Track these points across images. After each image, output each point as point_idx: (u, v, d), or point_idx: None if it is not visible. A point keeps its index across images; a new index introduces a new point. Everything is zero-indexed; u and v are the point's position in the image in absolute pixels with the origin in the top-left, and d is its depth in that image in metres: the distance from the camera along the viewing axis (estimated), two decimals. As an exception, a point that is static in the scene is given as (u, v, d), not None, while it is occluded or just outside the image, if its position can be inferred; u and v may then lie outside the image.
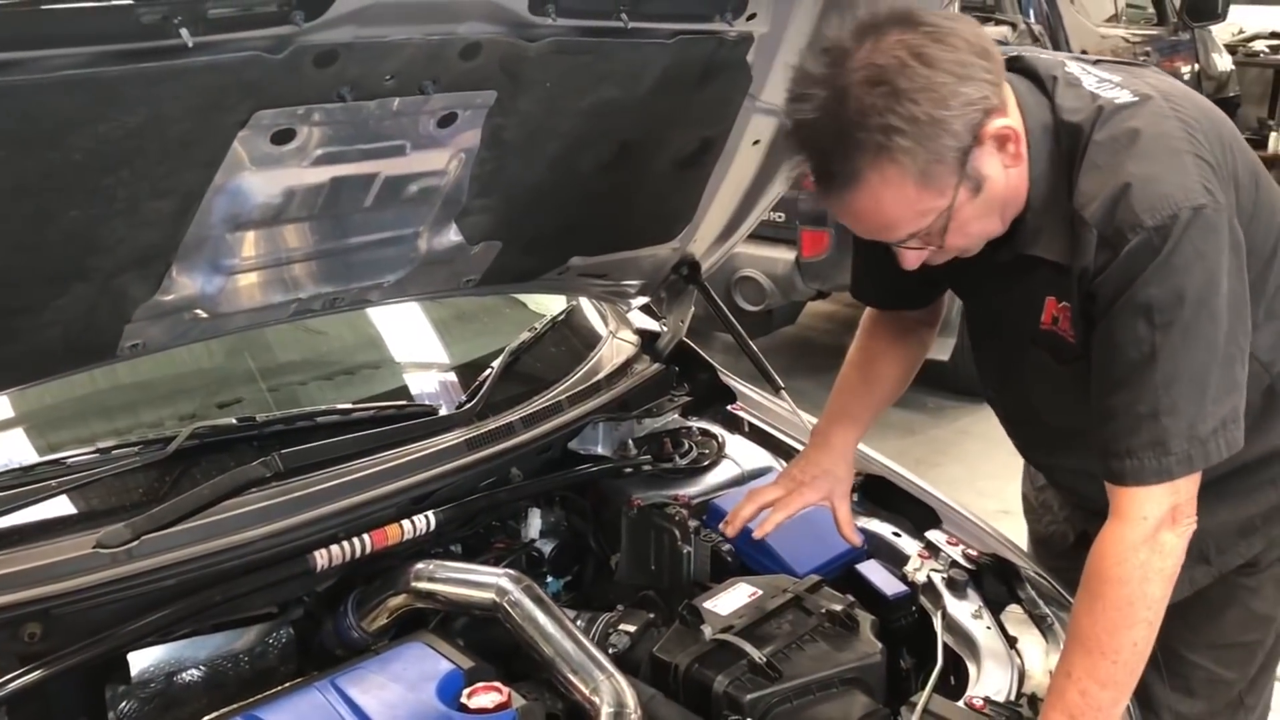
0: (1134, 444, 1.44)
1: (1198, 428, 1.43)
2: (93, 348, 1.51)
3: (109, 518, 1.59)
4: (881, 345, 1.97)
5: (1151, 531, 1.45)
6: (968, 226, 1.49)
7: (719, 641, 1.62)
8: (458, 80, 1.46)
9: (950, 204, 1.43)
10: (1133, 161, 1.43)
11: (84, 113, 1.17)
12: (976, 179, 1.44)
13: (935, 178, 1.40)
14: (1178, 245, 1.39)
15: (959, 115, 1.38)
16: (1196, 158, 1.44)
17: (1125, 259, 1.41)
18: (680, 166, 1.94)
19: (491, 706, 1.44)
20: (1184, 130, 1.47)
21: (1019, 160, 1.47)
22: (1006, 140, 1.44)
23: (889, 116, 1.35)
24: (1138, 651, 1.45)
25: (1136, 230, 1.40)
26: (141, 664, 1.60)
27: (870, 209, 1.44)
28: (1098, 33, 6.43)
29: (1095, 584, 1.46)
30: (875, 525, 2.00)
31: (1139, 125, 1.46)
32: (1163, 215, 1.39)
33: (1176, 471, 1.44)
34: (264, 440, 1.77)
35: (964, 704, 1.56)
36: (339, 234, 1.62)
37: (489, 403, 2.01)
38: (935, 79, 1.36)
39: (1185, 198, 1.40)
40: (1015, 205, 1.52)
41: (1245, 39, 9.64)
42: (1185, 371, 1.42)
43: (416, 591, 1.69)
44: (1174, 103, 1.50)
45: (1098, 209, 1.43)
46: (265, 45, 1.23)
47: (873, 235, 1.52)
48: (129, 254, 1.39)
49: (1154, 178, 1.41)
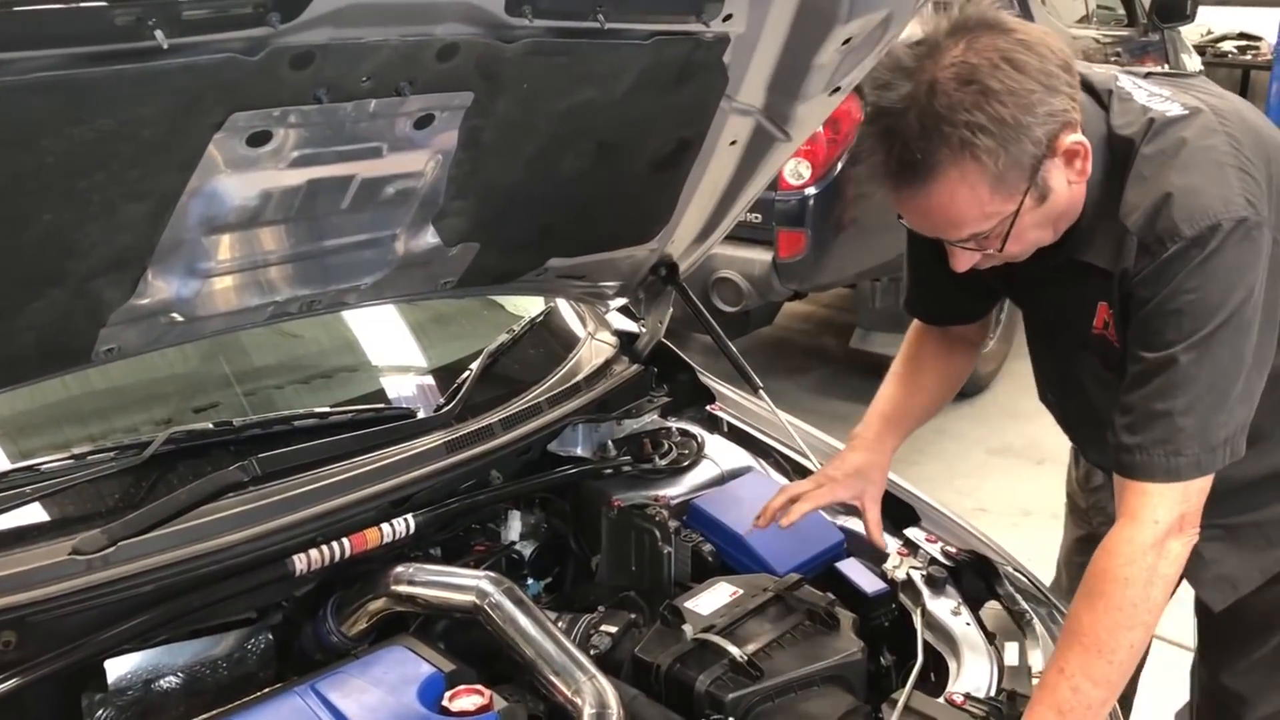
0: (1146, 440, 1.47)
1: (1210, 435, 1.46)
2: (67, 352, 1.49)
3: (85, 524, 1.57)
4: (927, 358, 2.00)
5: (1162, 536, 1.47)
6: (1025, 234, 1.53)
7: (700, 641, 1.63)
8: (434, 82, 1.46)
9: (1017, 210, 1.47)
10: (1176, 173, 1.47)
11: (57, 115, 1.16)
12: (1044, 189, 1.47)
13: (1009, 182, 1.44)
14: (1215, 255, 1.43)
15: (1041, 124, 1.41)
16: (1241, 171, 1.48)
17: (1162, 265, 1.45)
18: (658, 167, 1.94)
19: (473, 709, 1.43)
20: (1230, 144, 1.50)
21: (1084, 176, 1.51)
22: (1076, 156, 1.48)
23: (976, 114, 1.38)
24: (1133, 653, 1.47)
25: (1176, 239, 1.44)
26: (119, 671, 1.59)
27: (942, 204, 1.46)
28: (1069, 34, 6.47)
29: (1100, 583, 1.47)
30: (854, 523, 2.01)
31: (1186, 136, 1.50)
32: (1202, 225, 1.43)
33: (1185, 473, 1.46)
34: (241, 444, 1.76)
35: (944, 700, 1.57)
36: (316, 236, 1.61)
37: (468, 405, 2.00)
38: (1025, 84, 1.40)
39: (1226, 209, 1.44)
40: (1070, 217, 1.56)
41: (1214, 39, 9.77)
42: (1207, 378, 1.45)
43: (396, 595, 1.68)
44: (1222, 117, 1.54)
45: (1140, 217, 1.47)
46: (241, 47, 1.22)
47: (935, 232, 1.54)
48: (104, 257, 1.38)
49: (1196, 189, 1.45)
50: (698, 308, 2.34)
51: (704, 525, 1.97)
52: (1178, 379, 1.45)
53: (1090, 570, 1.49)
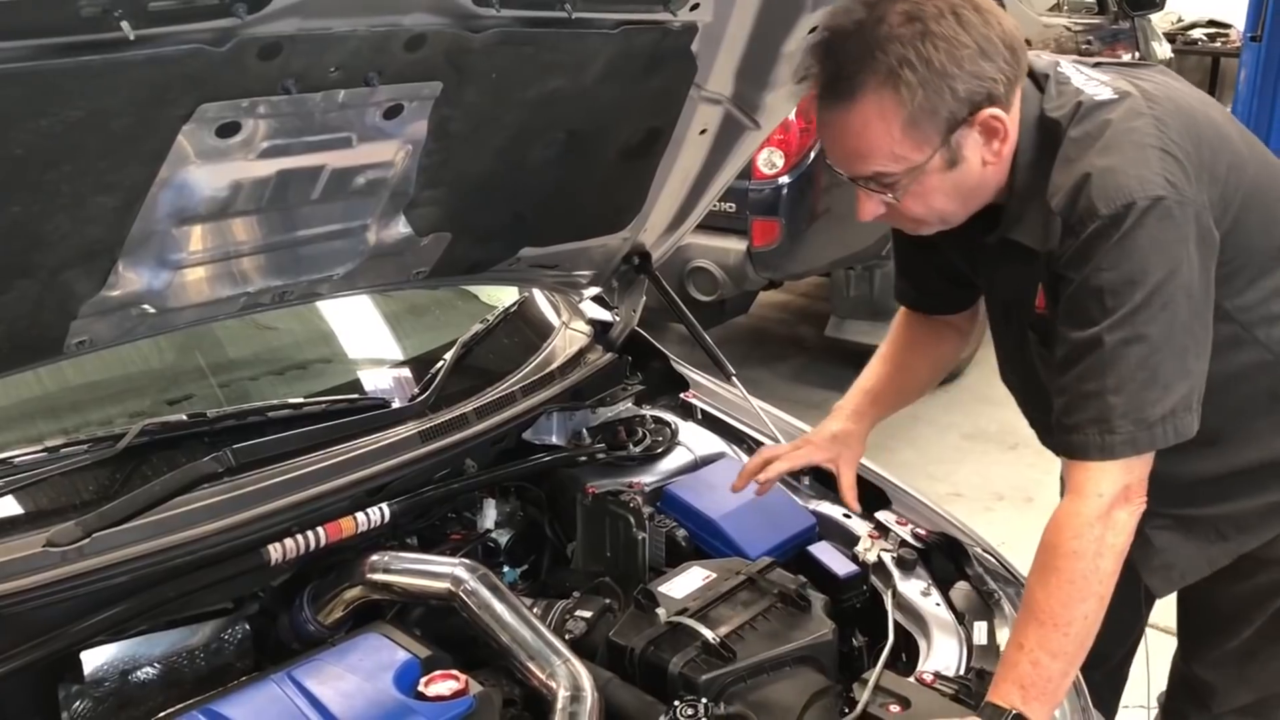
0: (1080, 419, 1.50)
1: (1146, 412, 1.47)
2: (39, 345, 1.49)
3: (59, 516, 1.57)
4: (915, 343, 2.04)
5: (1106, 508, 1.49)
6: (929, 197, 1.57)
7: (673, 624, 1.64)
8: (403, 72, 1.46)
9: (923, 163, 1.51)
10: (1097, 154, 1.50)
11: (24, 107, 1.16)
12: (955, 154, 1.52)
13: (921, 128, 1.49)
14: (1130, 232, 1.45)
15: (965, 82, 1.47)
16: (1163, 152, 1.50)
17: (1082, 244, 1.48)
18: (628, 157, 1.95)
19: (449, 694, 1.45)
20: (1155, 126, 1.52)
21: (998, 160, 1.55)
22: (995, 134, 1.52)
23: (909, 50, 1.45)
24: (1088, 624, 1.49)
25: (1094, 218, 1.47)
26: (95, 662, 1.59)
27: (856, 130, 1.51)
28: (1040, 22, 6.51)
29: (1050, 558, 1.50)
30: (826, 507, 2.03)
31: (1111, 118, 1.53)
32: (1118, 204, 1.45)
33: (1120, 451, 1.48)
34: (215, 436, 1.76)
35: (914, 679, 1.59)
36: (287, 227, 1.61)
37: (442, 395, 2.01)
38: (961, 38, 1.46)
39: (1141, 188, 1.46)
40: (980, 198, 1.61)
41: (1184, 27, 9.84)
42: (1133, 355, 1.46)
43: (372, 583, 1.70)
44: (1152, 100, 1.56)
45: (1062, 199, 1.51)
46: (208, 38, 1.22)
47: (844, 161, 1.57)
48: (74, 249, 1.38)
49: (1114, 169, 1.48)
50: (670, 296, 2.35)
51: (677, 511, 1.99)
52: (1105, 358, 1.47)
53: (1041, 546, 1.52)
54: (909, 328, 2.05)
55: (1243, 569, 1.83)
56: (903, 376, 2.03)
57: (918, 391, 2.08)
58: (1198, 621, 1.97)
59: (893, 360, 2.03)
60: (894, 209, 1.60)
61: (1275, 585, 1.84)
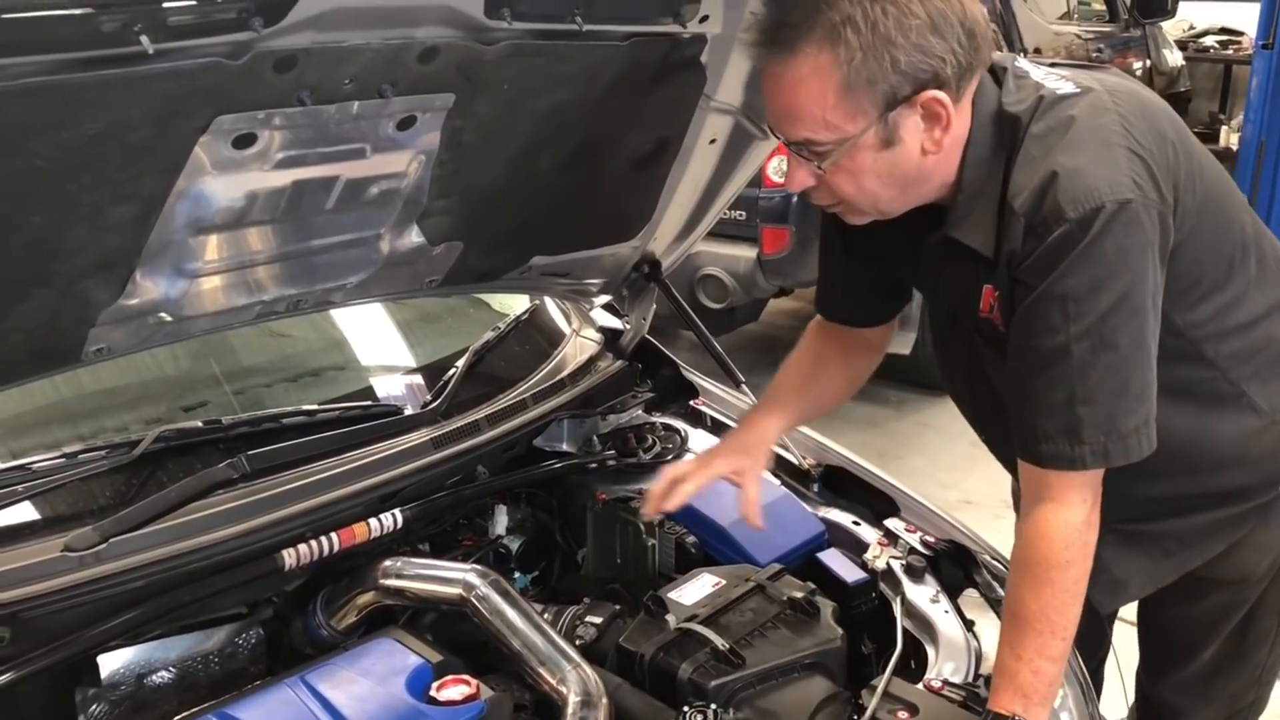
0: (1049, 429, 1.45)
1: (1118, 422, 1.44)
2: (57, 353, 1.52)
3: (76, 521, 1.59)
4: (828, 356, 1.95)
5: (1089, 513, 1.48)
6: (861, 177, 1.49)
7: (683, 630, 1.65)
8: (416, 84, 1.48)
9: (855, 136, 1.44)
10: (1063, 152, 1.44)
11: (46, 120, 1.18)
12: (891, 133, 1.44)
13: (856, 97, 1.41)
14: (1098, 237, 1.39)
15: (908, 54, 1.39)
16: (1130, 152, 1.44)
17: (1048, 249, 1.41)
18: (638, 166, 1.97)
19: (460, 699, 1.46)
20: (1121, 123, 1.47)
21: (938, 149, 1.47)
22: (937, 120, 1.45)
23: (856, 9, 1.38)
24: (1076, 620, 1.49)
25: (1060, 221, 1.40)
26: (111, 666, 1.61)
27: (790, 86, 1.44)
28: (1051, 30, 6.53)
29: (1041, 569, 1.47)
30: (835, 514, 2.04)
31: (1075, 114, 1.47)
32: (1086, 207, 1.40)
33: (1090, 462, 1.45)
34: (230, 442, 1.79)
35: (923, 686, 1.60)
36: (301, 236, 1.63)
37: (454, 402, 2.03)
38: (912, 8, 1.39)
39: (1110, 191, 1.40)
40: (921, 190, 1.53)
41: (1195, 34, 9.82)
42: (1104, 363, 1.42)
43: (385, 589, 1.71)
44: (1116, 96, 1.51)
45: (1026, 199, 1.44)
46: (225, 51, 1.24)
47: (777, 120, 1.51)
48: (92, 259, 1.40)
49: (1081, 169, 1.42)
50: (680, 304, 2.37)
51: (687, 517, 1.99)
52: (1074, 368, 1.42)
53: (1027, 557, 1.49)
54: (824, 341, 1.95)
55: (1196, 591, 1.80)
56: (813, 392, 1.94)
57: (830, 407, 1.99)
58: (1158, 645, 1.95)
59: (804, 375, 1.94)
60: (824, 184, 1.52)
61: (1229, 605, 1.82)
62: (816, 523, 2.01)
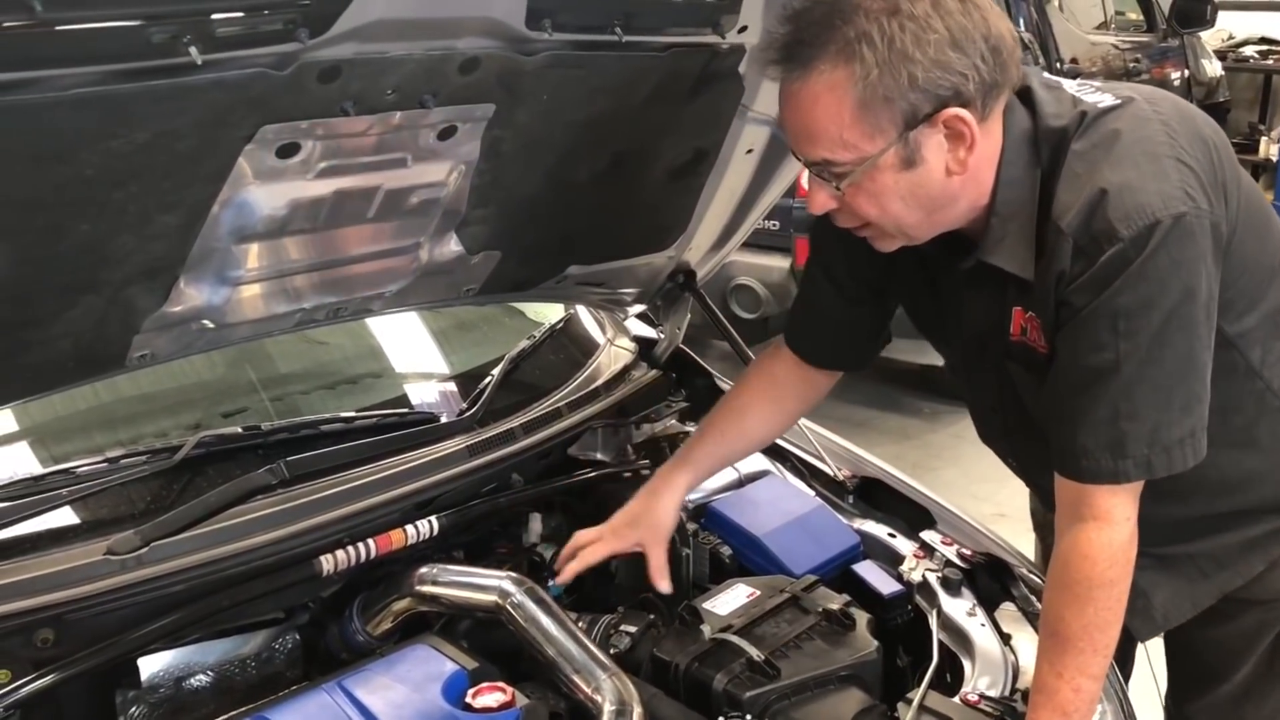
0: (1091, 444, 1.43)
1: (1161, 434, 1.41)
2: (102, 359, 1.54)
3: (118, 525, 1.61)
4: (770, 396, 1.91)
5: (1133, 530, 1.47)
6: (884, 198, 1.44)
7: (718, 641, 1.65)
8: (457, 94, 1.50)
9: (875, 156, 1.40)
10: (1110, 168, 1.40)
11: (95, 129, 1.21)
12: (913, 153, 1.40)
13: (874, 114, 1.37)
14: (1153, 254, 1.36)
15: (926, 71, 1.34)
16: (1178, 162, 1.41)
17: (1100, 268, 1.38)
18: (674, 176, 1.97)
19: (496, 706, 1.46)
20: (1166, 133, 1.44)
21: (963, 169, 1.43)
22: (961, 139, 1.40)
23: (872, 25, 1.34)
24: (1117, 636, 1.48)
25: (1113, 240, 1.37)
26: (151, 669, 1.63)
27: (807, 105, 1.40)
28: (1088, 40, 6.49)
29: (1084, 589, 1.45)
30: (870, 526, 2.03)
31: (1120, 128, 1.43)
32: (1140, 225, 1.36)
33: (1133, 475, 1.43)
34: (269, 448, 1.80)
35: (959, 700, 1.59)
36: (342, 245, 1.65)
37: (489, 410, 2.04)
38: (933, 24, 1.34)
39: (1164, 205, 1.37)
40: (948, 214, 1.49)
41: (1234, 44, 9.71)
42: (1150, 378, 1.40)
43: (421, 595, 1.72)
44: (1156, 105, 1.48)
45: (1074, 218, 1.40)
46: (271, 62, 1.26)
47: (795, 141, 1.47)
48: (138, 266, 1.42)
49: (1131, 185, 1.38)
50: (714, 313, 2.37)
51: (722, 528, 1.99)
52: (1120, 384, 1.39)
53: (1070, 575, 1.46)
54: (773, 377, 1.90)
55: (1228, 610, 1.75)
56: (738, 443, 1.92)
57: (750, 451, 1.97)
58: (1186, 668, 1.90)
59: (734, 423, 1.90)
60: (846, 207, 1.48)
61: (1261, 625, 1.77)
62: (851, 534, 2.00)
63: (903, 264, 1.62)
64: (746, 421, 1.92)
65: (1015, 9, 5.75)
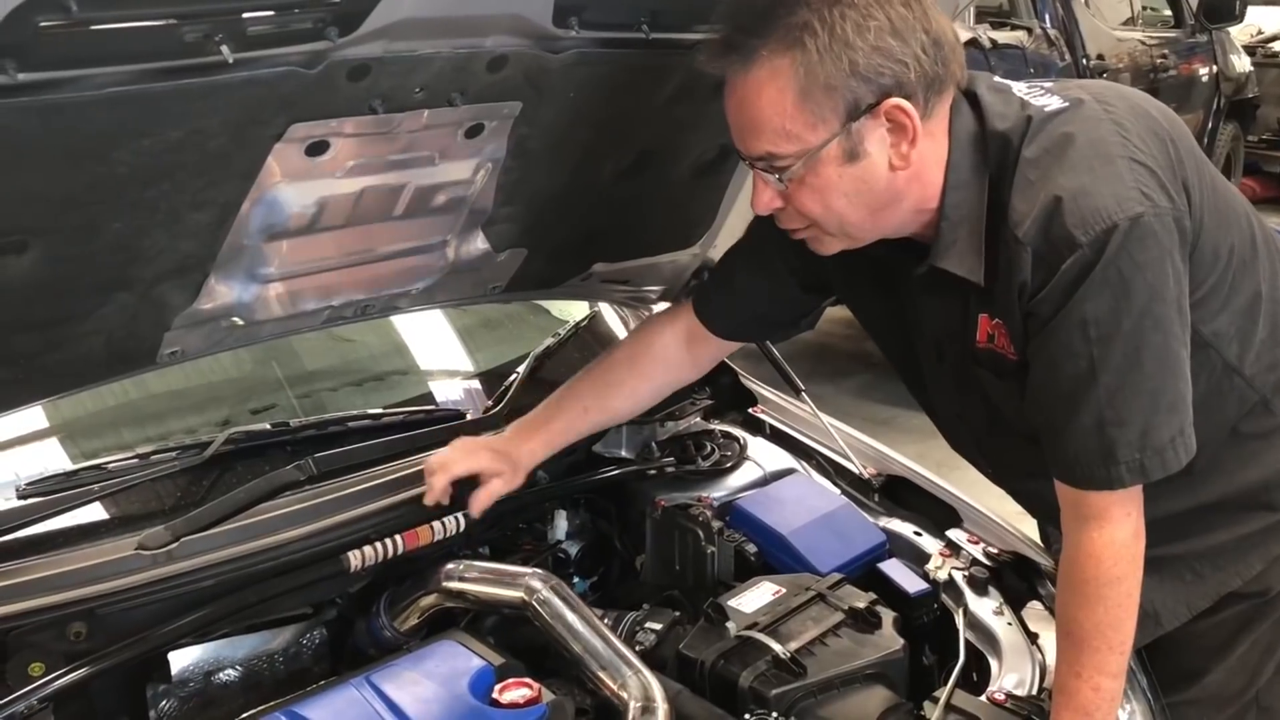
0: (1081, 453, 1.42)
1: (1151, 437, 1.40)
2: (134, 355, 1.56)
3: (149, 520, 1.64)
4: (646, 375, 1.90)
5: (1137, 524, 1.46)
6: (827, 194, 1.43)
7: (743, 638, 1.65)
8: (484, 92, 1.50)
9: (818, 147, 1.39)
10: (1063, 174, 1.38)
11: (128, 128, 1.22)
12: (856, 145, 1.39)
13: (816, 103, 1.36)
14: (1115, 258, 1.34)
15: (866, 57, 1.34)
16: (1132, 162, 1.39)
17: (1061, 277, 1.36)
18: (700, 174, 1.97)
19: (522, 701, 1.47)
20: (1118, 134, 1.41)
21: (906, 163, 1.41)
22: (903, 131, 1.39)
23: (814, 14, 1.34)
24: (1133, 632, 1.47)
25: (1072, 247, 1.35)
26: (181, 663, 1.65)
27: (748, 96, 1.40)
28: (1114, 36, 6.43)
29: (1093, 587, 1.45)
30: (896, 524, 2.03)
31: (1070, 131, 1.41)
32: (1097, 230, 1.34)
33: (1128, 480, 1.41)
34: (298, 445, 1.82)
35: (986, 698, 1.58)
36: (370, 243, 1.66)
37: (514, 407, 2.05)
38: (872, 12, 1.34)
39: (1120, 208, 1.35)
40: (893, 214, 1.47)
41: (1264, 40, 9.61)
42: (1131, 383, 1.38)
43: (447, 591, 1.73)
44: (1106, 104, 1.45)
45: (1031, 227, 1.38)
46: (301, 60, 1.27)
47: (738, 135, 1.46)
48: (169, 263, 1.43)
49: (1086, 190, 1.36)
50: (739, 311, 2.36)
51: (747, 525, 1.99)
52: (1101, 391, 1.38)
53: (1075, 577, 1.46)
54: (656, 353, 1.88)
55: None
56: (609, 409, 1.90)
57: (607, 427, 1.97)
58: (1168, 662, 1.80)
59: (611, 391, 1.88)
60: (790, 204, 1.46)
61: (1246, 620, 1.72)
62: (878, 532, 2.00)
63: (853, 266, 1.60)
64: (613, 400, 1.91)
65: (1042, 5, 5.71)
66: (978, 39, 5.02)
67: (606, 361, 1.95)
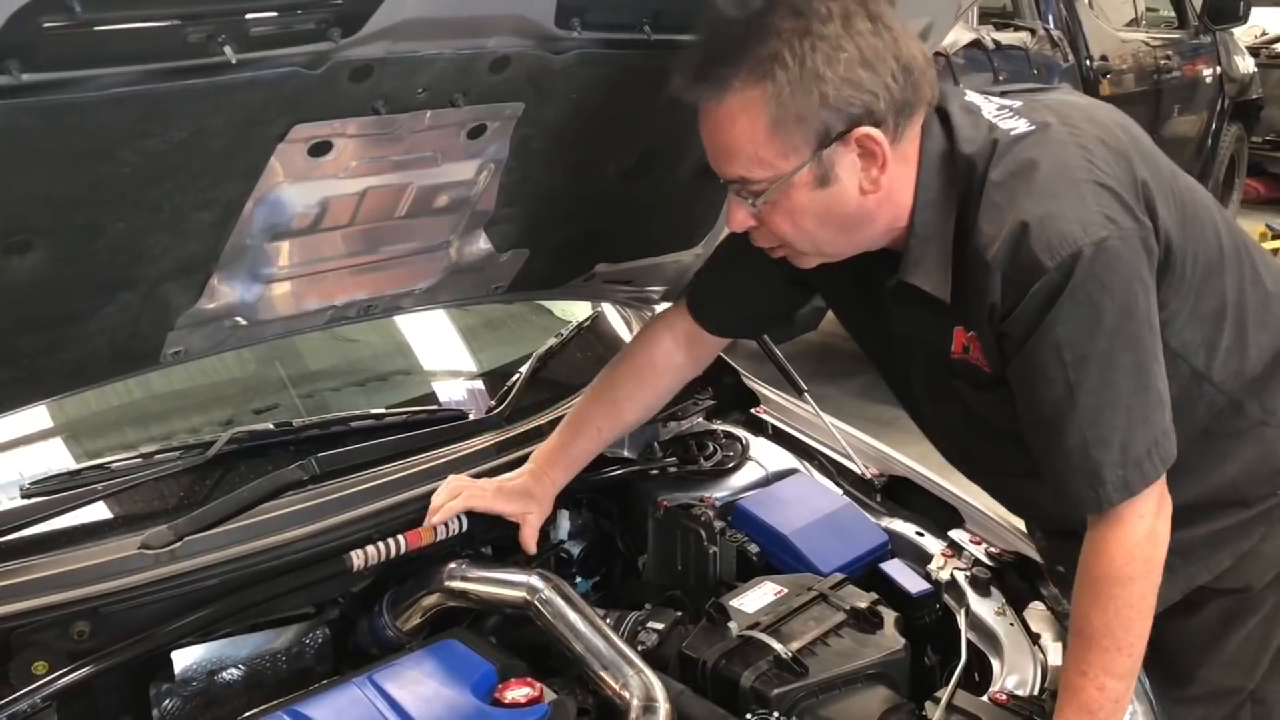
0: (1070, 477, 1.44)
1: (1130, 450, 1.42)
2: (137, 355, 1.56)
3: (153, 520, 1.64)
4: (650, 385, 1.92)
5: (1151, 526, 1.46)
6: (799, 217, 1.46)
7: (745, 638, 1.65)
8: (487, 92, 1.50)
9: (789, 174, 1.41)
10: (1030, 199, 1.40)
11: (132, 128, 1.22)
12: (827, 172, 1.42)
13: (788, 133, 1.39)
14: (1082, 283, 1.37)
15: (836, 89, 1.36)
16: (1097, 186, 1.41)
17: (1030, 301, 1.39)
18: (701, 174, 1.96)
19: (524, 701, 1.47)
20: (1083, 158, 1.43)
21: (876, 188, 1.44)
22: (873, 158, 1.41)
23: (784, 46, 1.36)
24: (1145, 636, 1.47)
25: (1039, 271, 1.37)
26: (184, 662, 1.65)
27: (721, 124, 1.42)
28: (1118, 37, 6.42)
29: (1104, 587, 1.46)
30: (898, 525, 2.03)
31: (1035, 156, 1.43)
32: (1063, 255, 1.36)
33: (1115, 499, 1.43)
34: (300, 444, 1.82)
35: (988, 699, 1.58)
36: (372, 243, 1.66)
37: (517, 407, 2.05)
38: (842, 43, 1.36)
39: (1084, 233, 1.37)
40: (865, 233, 1.50)
41: (1268, 40, 9.60)
42: (1107, 402, 1.41)
43: (450, 590, 1.73)
44: (1072, 127, 1.47)
45: (999, 250, 1.40)
46: (304, 61, 1.27)
47: (713, 157, 1.48)
48: (173, 263, 1.44)
49: (1051, 215, 1.38)
50: (742, 312, 2.36)
51: (749, 526, 1.99)
52: (1080, 413, 1.40)
53: (1089, 576, 1.47)
54: (657, 361, 1.90)
55: (1193, 598, 1.72)
56: (621, 422, 1.93)
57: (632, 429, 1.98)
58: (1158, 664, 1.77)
59: (621, 407, 1.91)
60: (764, 224, 1.49)
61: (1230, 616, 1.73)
62: (879, 533, 2.00)
63: (836, 273, 1.61)
64: (625, 415, 1.94)
65: (1045, 6, 5.71)
66: (981, 40, 5.02)
67: (611, 378, 1.95)
